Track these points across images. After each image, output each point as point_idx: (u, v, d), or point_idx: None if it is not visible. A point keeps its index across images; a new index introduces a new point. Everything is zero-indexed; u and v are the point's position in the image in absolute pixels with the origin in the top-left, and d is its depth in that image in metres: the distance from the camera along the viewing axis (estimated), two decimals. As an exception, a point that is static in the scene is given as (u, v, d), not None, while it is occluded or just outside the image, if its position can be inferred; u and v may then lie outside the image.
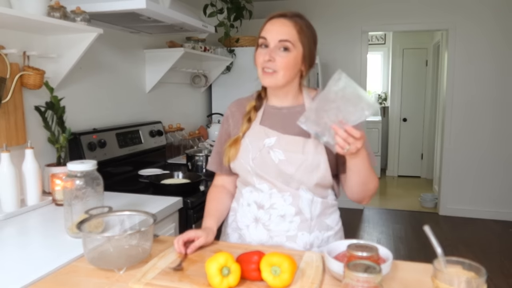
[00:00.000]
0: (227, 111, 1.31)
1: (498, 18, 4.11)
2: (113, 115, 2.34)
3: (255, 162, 1.17)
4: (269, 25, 1.17)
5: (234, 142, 1.21)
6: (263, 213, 1.19)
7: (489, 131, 4.28)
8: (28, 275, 0.98)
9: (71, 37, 1.77)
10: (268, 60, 1.13)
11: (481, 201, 4.38)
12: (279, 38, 1.13)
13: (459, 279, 0.75)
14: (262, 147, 1.17)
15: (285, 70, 1.14)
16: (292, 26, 1.14)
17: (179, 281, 0.91)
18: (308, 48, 1.16)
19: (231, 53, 3.45)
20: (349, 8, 4.48)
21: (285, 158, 1.15)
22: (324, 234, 1.21)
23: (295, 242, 1.17)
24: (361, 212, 4.66)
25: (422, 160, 6.33)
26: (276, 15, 1.17)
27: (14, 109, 1.63)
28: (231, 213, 1.30)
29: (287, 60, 1.13)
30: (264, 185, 1.18)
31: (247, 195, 1.23)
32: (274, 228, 1.18)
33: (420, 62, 6.21)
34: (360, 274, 0.69)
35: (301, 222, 1.17)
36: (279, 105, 1.23)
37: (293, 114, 1.20)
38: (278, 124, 1.20)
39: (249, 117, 1.23)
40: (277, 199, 1.17)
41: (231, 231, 1.28)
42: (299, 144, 1.15)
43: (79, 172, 1.20)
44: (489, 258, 3.35)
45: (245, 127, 1.22)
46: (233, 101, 1.33)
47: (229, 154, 1.21)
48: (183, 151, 2.91)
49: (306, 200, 1.17)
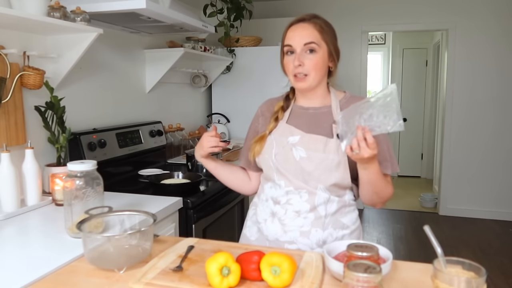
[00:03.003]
0: (258, 111, 1.39)
1: (498, 18, 4.11)
2: (113, 115, 2.34)
3: (277, 158, 1.22)
4: (290, 32, 1.21)
5: (260, 139, 1.28)
6: (279, 208, 1.24)
7: (489, 131, 4.29)
8: (28, 275, 0.98)
9: (71, 37, 1.77)
10: (298, 65, 1.18)
11: (481, 201, 4.38)
12: (304, 42, 1.18)
13: (459, 279, 0.75)
14: (285, 144, 1.22)
15: (316, 71, 1.19)
16: (312, 28, 1.19)
17: (179, 281, 0.91)
18: (331, 44, 1.21)
19: (231, 53, 3.45)
20: (349, 8, 4.48)
21: (306, 155, 1.19)
22: (339, 233, 1.23)
23: (308, 238, 1.20)
24: (361, 212, 4.66)
25: (422, 160, 6.33)
26: (295, 21, 1.22)
27: (14, 109, 1.63)
28: (252, 207, 1.37)
29: (316, 61, 1.18)
30: (282, 182, 1.23)
31: (267, 191, 1.29)
32: (289, 223, 1.22)
33: (420, 62, 6.21)
34: (360, 274, 0.69)
35: (315, 219, 1.20)
36: (306, 105, 1.28)
37: (319, 114, 1.25)
38: (304, 124, 1.24)
39: (276, 116, 1.29)
40: (293, 195, 1.21)
41: (251, 223, 1.35)
42: (321, 143, 1.19)
43: (79, 172, 1.20)
44: (489, 258, 3.35)
45: (271, 126, 1.28)
46: (264, 101, 1.40)
47: (254, 149, 1.28)
48: (183, 151, 2.91)
49: (322, 199, 1.20)
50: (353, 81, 4.57)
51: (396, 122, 0.99)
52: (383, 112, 1.00)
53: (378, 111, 1.01)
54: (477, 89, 4.26)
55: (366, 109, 1.02)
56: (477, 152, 4.34)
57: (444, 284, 0.76)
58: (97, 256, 1.00)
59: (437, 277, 0.78)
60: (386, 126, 1.00)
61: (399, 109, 0.99)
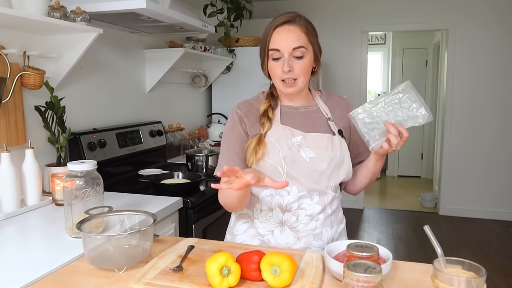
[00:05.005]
0: (238, 113, 1.24)
1: (498, 18, 4.11)
2: (113, 115, 2.34)
3: (286, 161, 1.15)
4: (276, 35, 1.15)
5: (258, 142, 1.17)
6: (289, 216, 1.18)
7: (489, 131, 4.28)
8: (28, 275, 0.98)
9: (71, 37, 1.77)
10: (289, 70, 1.13)
11: (481, 201, 4.38)
12: (293, 46, 1.13)
13: (459, 279, 0.75)
14: (291, 145, 1.17)
15: (304, 75, 1.16)
16: (299, 31, 1.15)
17: (179, 281, 0.91)
18: (316, 45, 1.19)
19: (231, 53, 3.45)
20: (349, 8, 4.48)
21: (315, 155, 1.17)
22: (340, 227, 1.26)
23: (321, 239, 1.20)
24: (361, 212, 4.66)
25: (422, 160, 6.33)
26: (280, 23, 1.16)
27: (14, 109, 1.63)
28: (245, 220, 1.25)
29: (304, 65, 1.15)
30: (294, 187, 1.16)
31: (267, 200, 1.19)
32: (302, 229, 1.18)
33: (420, 62, 6.21)
34: (360, 274, 0.69)
35: (324, 219, 1.20)
36: (295, 104, 1.25)
37: (310, 113, 1.24)
38: (299, 123, 1.21)
39: (268, 116, 1.20)
40: (305, 199, 1.18)
41: (248, 238, 1.23)
42: (326, 141, 1.18)
43: (79, 172, 1.20)
44: (489, 258, 3.35)
45: (267, 126, 1.18)
46: (239, 103, 1.28)
47: (257, 154, 1.15)
48: (183, 151, 2.91)
49: (330, 197, 1.20)
50: (353, 81, 4.56)
51: (425, 115, 1.03)
52: (408, 107, 1.04)
53: (402, 107, 1.04)
54: (477, 88, 4.26)
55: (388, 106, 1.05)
56: (477, 152, 4.34)
57: (444, 284, 0.76)
58: (97, 256, 1.00)
59: (437, 277, 0.78)
60: (418, 119, 1.04)
61: (424, 101, 1.05)
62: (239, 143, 1.21)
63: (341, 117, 1.24)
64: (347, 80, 4.57)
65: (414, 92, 1.04)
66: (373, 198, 5.29)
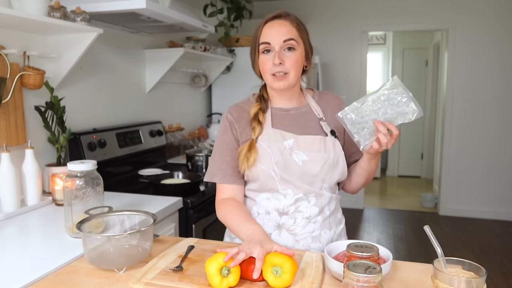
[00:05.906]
0: (228, 118, 1.22)
1: (498, 18, 4.10)
2: (113, 115, 2.34)
3: (279, 166, 1.14)
4: (267, 29, 1.14)
5: (250, 148, 1.15)
6: (287, 219, 1.17)
7: (489, 131, 4.28)
8: (28, 275, 0.98)
9: (71, 37, 1.77)
10: (279, 63, 1.12)
11: (481, 201, 4.38)
12: (283, 39, 1.12)
13: (459, 279, 0.75)
14: (283, 149, 1.15)
15: (295, 69, 1.14)
16: (290, 24, 1.14)
17: (179, 281, 0.91)
18: (307, 42, 1.18)
19: (231, 53, 3.45)
20: (349, 8, 4.48)
21: (308, 158, 1.15)
22: (338, 228, 1.25)
23: (320, 241, 1.19)
24: (361, 212, 4.66)
25: (422, 160, 6.33)
26: (271, 18, 1.15)
27: (14, 109, 1.63)
28: None
29: (295, 58, 1.13)
30: (289, 191, 1.15)
31: (264, 203, 1.19)
32: (300, 232, 1.17)
33: (420, 62, 6.21)
34: (360, 274, 0.69)
35: (322, 220, 1.19)
36: (286, 106, 1.22)
37: (301, 114, 1.22)
38: (290, 126, 1.19)
39: (258, 120, 1.18)
40: (302, 201, 1.16)
41: None
42: (319, 143, 1.16)
43: (79, 172, 1.20)
44: (489, 258, 3.35)
45: (258, 131, 1.17)
46: (229, 107, 1.26)
47: (248, 160, 1.14)
48: (183, 151, 2.91)
49: (327, 199, 1.19)
50: (353, 81, 4.56)
51: (415, 110, 1.00)
52: (396, 104, 1.01)
53: (390, 103, 1.01)
54: (477, 88, 4.26)
55: (376, 104, 1.02)
56: (477, 152, 4.34)
57: (444, 284, 0.76)
58: (97, 256, 1.00)
59: (437, 277, 0.78)
60: (407, 115, 1.01)
61: (412, 96, 1.01)
62: (230, 150, 1.20)
63: (334, 117, 1.21)
64: (347, 80, 4.57)
65: (402, 88, 1.01)
66: (373, 198, 5.29)
